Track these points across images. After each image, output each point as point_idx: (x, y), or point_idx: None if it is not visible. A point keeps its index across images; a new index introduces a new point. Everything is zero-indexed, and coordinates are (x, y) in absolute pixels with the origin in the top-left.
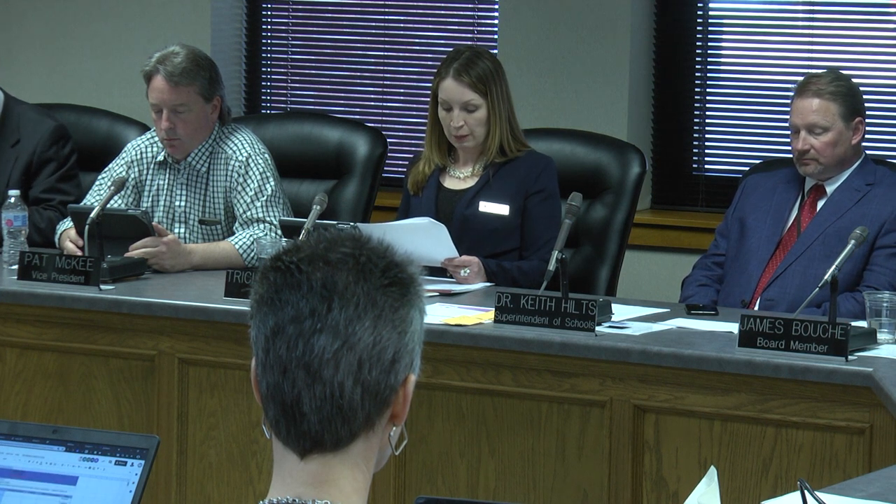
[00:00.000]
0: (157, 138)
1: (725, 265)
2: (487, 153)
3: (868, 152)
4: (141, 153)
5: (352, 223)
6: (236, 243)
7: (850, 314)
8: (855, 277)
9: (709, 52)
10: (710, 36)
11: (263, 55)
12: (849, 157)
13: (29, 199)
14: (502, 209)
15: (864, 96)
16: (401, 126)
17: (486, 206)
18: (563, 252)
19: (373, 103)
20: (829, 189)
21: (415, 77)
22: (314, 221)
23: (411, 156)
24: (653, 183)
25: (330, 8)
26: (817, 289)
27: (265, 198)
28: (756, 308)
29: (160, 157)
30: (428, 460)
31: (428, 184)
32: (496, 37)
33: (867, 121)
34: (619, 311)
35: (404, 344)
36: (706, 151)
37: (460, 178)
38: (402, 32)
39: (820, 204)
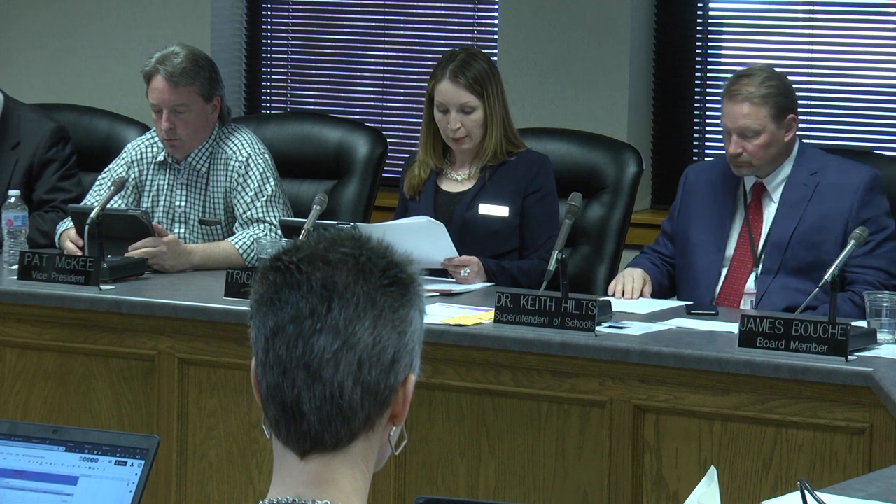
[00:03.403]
0: (157, 138)
1: (676, 277)
2: (483, 155)
3: (875, 152)
4: (141, 153)
5: (352, 223)
6: (236, 243)
7: (844, 315)
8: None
9: (709, 52)
10: (710, 36)
11: (263, 55)
12: (782, 153)
13: (32, 201)
14: (502, 210)
15: (864, 96)
16: (401, 126)
17: (485, 209)
18: (563, 252)
19: (373, 103)
20: (771, 187)
21: (415, 77)
22: (314, 221)
23: (410, 156)
24: (652, 183)
25: (330, 8)
26: (817, 289)
27: (265, 198)
28: None
29: (160, 158)
30: (428, 460)
31: (425, 187)
32: (496, 37)
33: (872, 120)
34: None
35: (404, 344)
36: (706, 152)
37: (457, 181)
38: (402, 32)
39: (766, 204)
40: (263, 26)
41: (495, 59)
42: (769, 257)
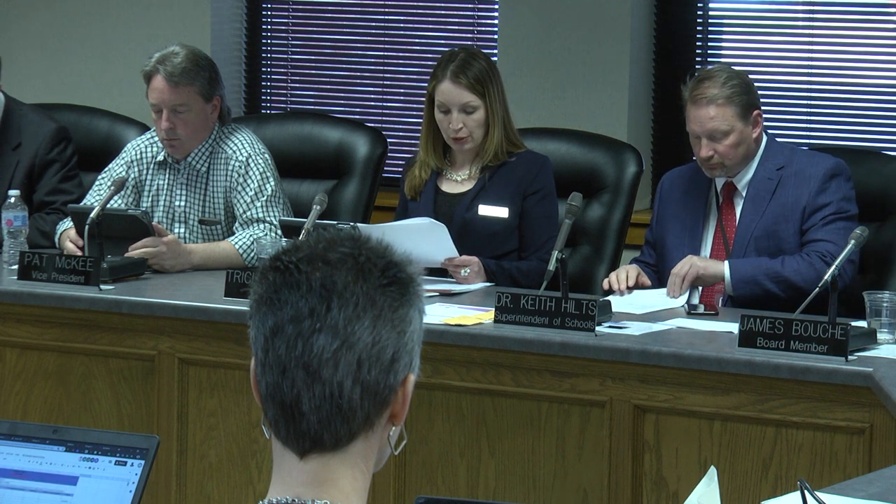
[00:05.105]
0: (156, 138)
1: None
2: (485, 155)
3: (877, 153)
4: (141, 153)
5: (352, 223)
6: (236, 243)
7: (797, 274)
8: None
9: (709, 52)
10: (710, 36)
11: (263, 55)
12: (752, 150)
13: (33, 202)
14: (502, 212)
15: (864, 96)
16: (401, 126)
17: (485, 210)
18: (563, 252)
19: (373, 103)
20: (741, 186)
21: (415, 77)
22: (314, 221)
23: (411, 156)
24: (653, 183)
25: (330, 8)
26: (817, 289)
27: (265, 198)
28: None
29: (160, 157)
30: (428, 460)
31: (425, 188)
32: (496, 37)
33: (872, 120)
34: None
35: (403, 343)
36: None
37: (458, 182)
38: (402, 32)
39: (737, 203)
40: (263, 26)
41: (495, 59)
42: (737, 253)
